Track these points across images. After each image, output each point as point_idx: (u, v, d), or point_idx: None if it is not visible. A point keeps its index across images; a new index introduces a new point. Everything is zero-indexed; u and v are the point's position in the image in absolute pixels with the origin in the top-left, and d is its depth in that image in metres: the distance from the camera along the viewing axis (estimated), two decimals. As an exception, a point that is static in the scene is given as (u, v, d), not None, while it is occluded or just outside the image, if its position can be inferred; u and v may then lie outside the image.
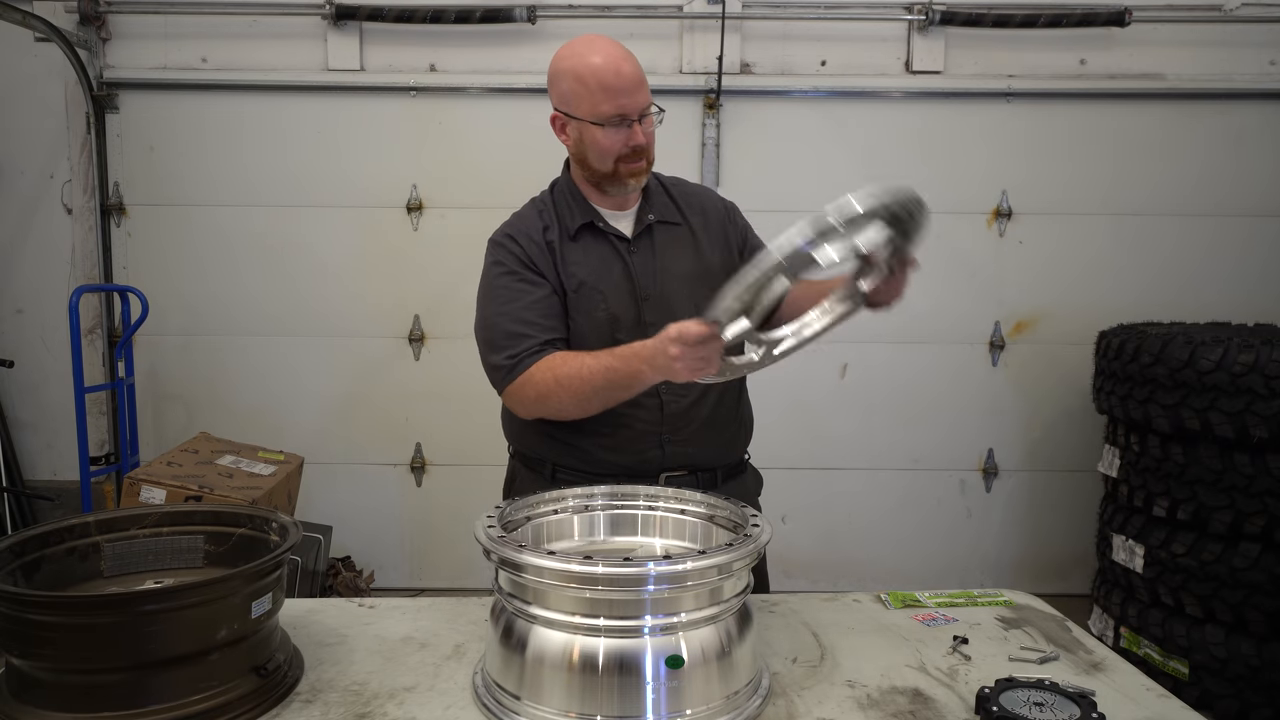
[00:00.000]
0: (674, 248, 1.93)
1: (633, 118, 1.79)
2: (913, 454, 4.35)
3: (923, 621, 1.67)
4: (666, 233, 1.94)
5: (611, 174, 1.84)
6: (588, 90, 1.78)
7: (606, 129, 1.79)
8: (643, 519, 1.68)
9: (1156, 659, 3.20)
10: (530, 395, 1.78)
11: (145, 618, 1.20)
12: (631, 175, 1.84)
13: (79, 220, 4.22)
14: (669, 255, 1.92)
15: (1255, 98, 4.17)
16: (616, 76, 1.76)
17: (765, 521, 1.45)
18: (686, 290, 1.89)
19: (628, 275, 1.88)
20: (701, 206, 2.00)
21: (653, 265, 1.90)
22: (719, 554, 1.29)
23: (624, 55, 1.79)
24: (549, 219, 1.91)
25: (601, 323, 1.86)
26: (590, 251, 1.89)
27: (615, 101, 1.77)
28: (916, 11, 4.08)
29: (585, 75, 1.77)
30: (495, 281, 1.88)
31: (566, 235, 1.89)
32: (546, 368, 1.76)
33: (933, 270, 4.24)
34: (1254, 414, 2.93)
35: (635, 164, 1.83)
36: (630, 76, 1.77)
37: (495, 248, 1.92)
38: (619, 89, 1.76)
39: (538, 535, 1.62)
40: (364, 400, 4.31)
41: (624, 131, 1.79)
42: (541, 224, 1.90)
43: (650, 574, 1.24)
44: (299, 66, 4.16)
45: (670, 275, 1.89)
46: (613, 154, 1.81)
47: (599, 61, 1.77)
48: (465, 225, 4.21)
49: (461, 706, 1.36)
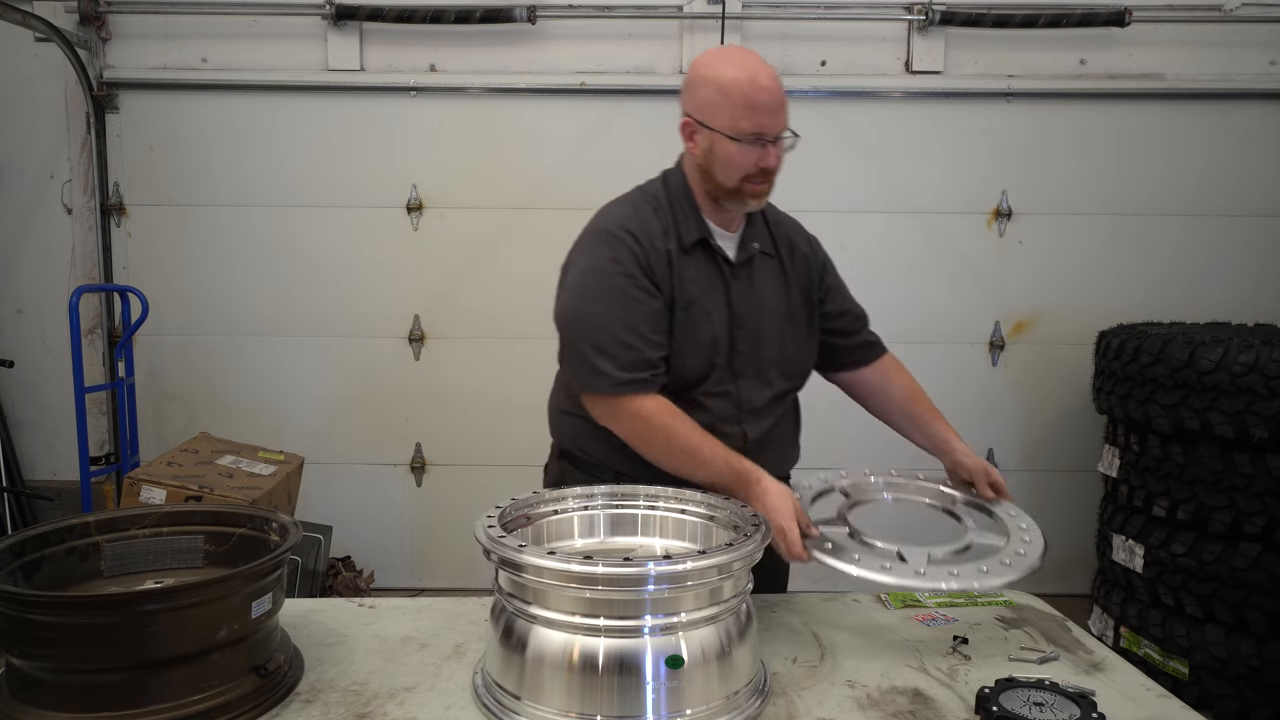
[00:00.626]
0: (768, 279, 1.90)
1: (769, 138, 1.72)
2: (913, 455, 4.34)
3: (923, 621, 1.67)
4: (763, 262, 1.90)
5: (735, 190, 1.77)
6: (729, 103, 1.71)
7: (741, 145, 1.72)
8: (643, 519, 1.68)
9: (1156, 659, 3.20)
10: (628, 417, 1.74)
11: (145, 618, 1.20)
12: (754, 196, 1.78)
13: (79, 220, 4.22)
14: (764, 286, 1.88)
15: (1255, 98, 4.17)
16: (762, 93, 1.69)
17: (766, 522, 1.45)
18: (775, 326, 1.88)
19: (728, 300, 1.83)
20: (790, 239, 1.96)
21: (750, 294, 1.86)
22: (719, 554, 1.29)
23: (770, 74, 1.72)
24: (666, 223, 1.82)
25: (704, 345, 1.81)
26: (701, 269, 1.82)
27: (756, 119, 1.70)
28: (916, 11, 4.08)
29: (729, 87, 1.70)
30: (610, 280, 1.75)
31: (682, 247, 1.81)
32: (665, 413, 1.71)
33: (933, 270, 4.29)
34: (1254, 414, 2.93)
35: (760, 185, 1.77)
36: (775, 96, 1.71)
37: (613, 241, 1.78)
38: (762, 107, 1.70)
39: (538, 535, 1.62)
40: (364, 400, 4.31)
41: (757, 151, 1.73)
42: (660, 227, 1.81)
43: (650, 574, 1.24)
44: (299, 66, 4.16)
45: (764, 307, 1.87)
46: (741, 172, 1.74)
47: (746, 76, 1.70)
48: (465, 225, 4.21)
49: (461, 706, 1.36)
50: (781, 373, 1.90)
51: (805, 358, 1.97)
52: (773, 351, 1.87)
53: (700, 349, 1.80)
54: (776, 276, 1.91)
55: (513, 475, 4.41)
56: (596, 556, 1.28)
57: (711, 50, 1.82)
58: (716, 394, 1.84)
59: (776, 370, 1.89)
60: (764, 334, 1.86)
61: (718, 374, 1.83)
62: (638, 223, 1.80)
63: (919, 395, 2.05)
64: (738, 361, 1.84)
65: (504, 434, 4.25)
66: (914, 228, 4.22)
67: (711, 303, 1.81)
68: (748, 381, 1.86)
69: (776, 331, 1.88)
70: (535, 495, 1.65)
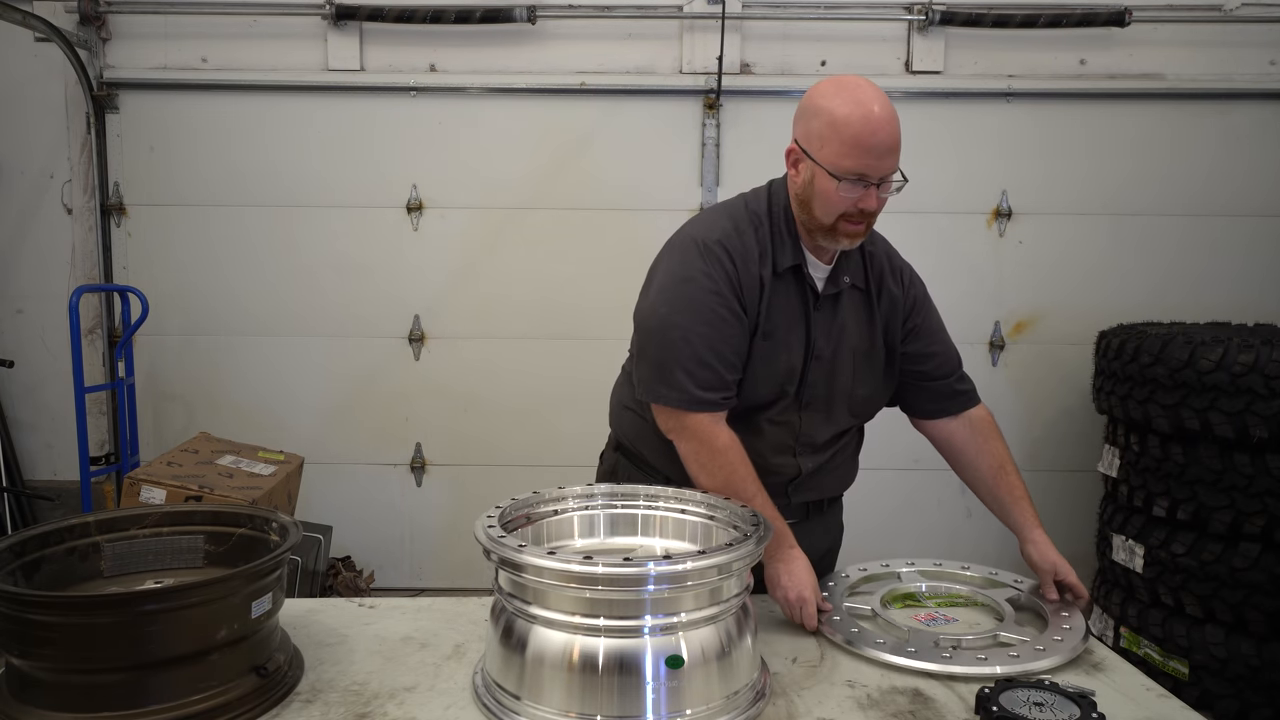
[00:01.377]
0: (854, 314, 1.85)
1: (873, 180, 1.67)
2: (913, 454, 4.30)
3: (923, 621, 1.67)
4: (852, 297, 1.85)
5: (829, 229, 1.72)
6: (838, 138, 1.65)
7: (841, 184, 1.66)
8: (643, 519, 1.68)
9: (1156, 659, 3.20)
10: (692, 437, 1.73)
11: (145, 618, 1.20)
12: (848, 236, 1.73)
13: (79, 220, 4.22)
14: (849, 320, 1.84)
15: (1255, 98, 4.17)
16: (871, 136, 1.63)
17: (766, 523, 1.45)
18: (851, 363, 1.84)
19: (808, 330, 1.80)
20: (882, 273, 1.89)
21: (832, 327, 1.82)
22: (719, 554, 1.29)
23: (888, 116, 1.65)
24: (764, 246, 1.77)
25: (779, 374, 1.78)
26: (789, 296, 1.79)
27: (862, 161, 1.64)
28: (916, 11, 4.08)
29: (840, 123, 1.64)
30: (701, 296, 1.71)
31: (775, 271, 1.77)
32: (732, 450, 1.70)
33: (932, 270, 4.25)
34: (1254, 414, 2.93)
35: (856, 225, 1.71)
36: (885, 141, 1.64)
37: (708, 256, 1.74)
38: (870, 149, 1.64)
39: (538, 535, 1.62)
40: (364, 400, 4.31)
41: (858, 192, 1.67)
42: (758, 250, 1.77)
43: (650, 574, 1.24)
44: (299, 66, 4.16)
45: (845, 343, 1.82)
46: (838, 210, 1.69)
47: (860, 114, 1.64)
48: (465, 225, 4.21)
49: (461, 706, 1.36)
50: (850, 410, 1.87)
51: (877, 398, 1.92)
52: (845, 388, 1.84)
53: (774, 377, 1.78)
54: (861, 311, 1.85)
55: (513, 475, 4.42)
56: (596, 556, 1.28)
57: (833, 79, 1.73)
58: (779, 422, 1.82)
59: (845, 407, 1.86)
60: (839, 369, 1.82)
61: (785, 402, 1.81)
62: (737, 243, 1.76)
63: (1006, 469, 1.91)
64: (806, 393, 1.81)
65: (504, 434, 4.25)
66: (914, 228, 4.21)
67: (793, 333, 1.78)
68: (812, 415, 1.83)
69: (850, 368, 1.83)
70: (535, 495, 1.65)
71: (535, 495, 1.65)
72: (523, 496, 1.63)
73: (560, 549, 1.60)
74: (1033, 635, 1.55)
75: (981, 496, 1.96)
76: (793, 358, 1.78)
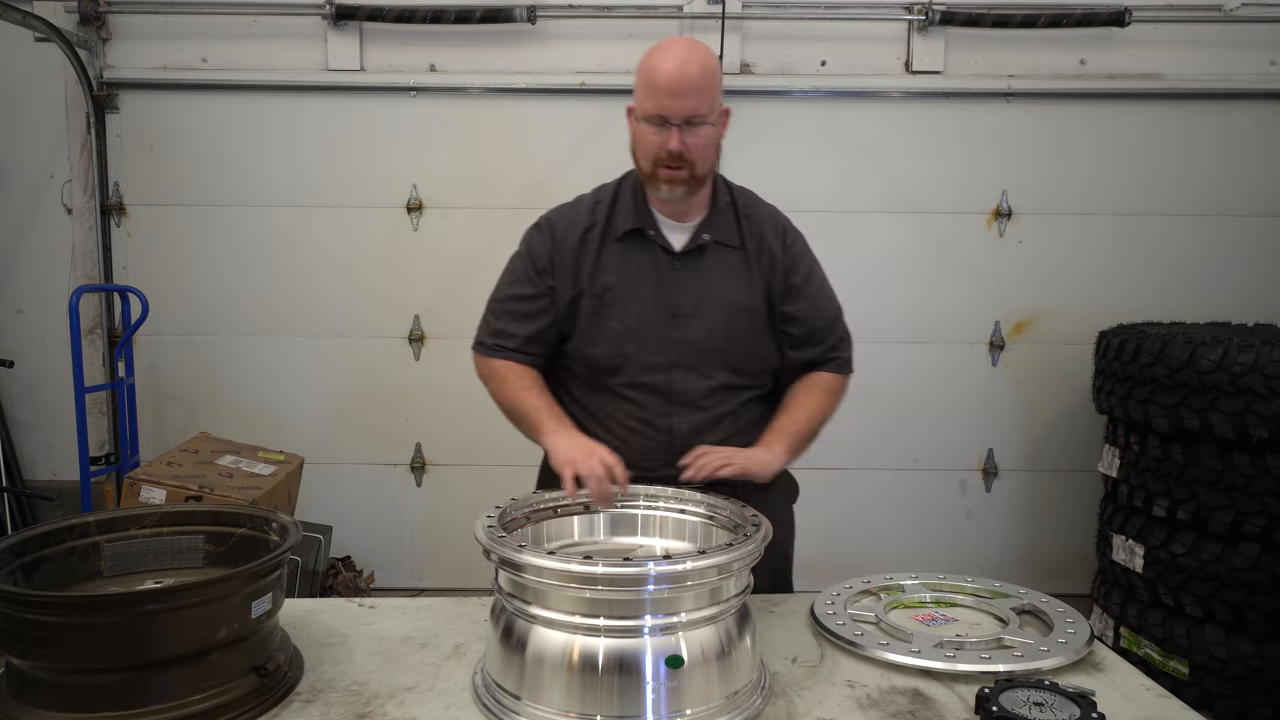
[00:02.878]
0: (723, 271, 1.87)
1: (672, 121, 1.72)
2: (913, 454, 4.35)
3: (923, 621, 1.67)
4: (719, 254, 1.87)
5: (650, 176, 1.80)
6: (642, 83, 1.76)
7: (646, 126, 1.76)
8: (643, 519, 1.68)
9: (1156, 659, 3.20)
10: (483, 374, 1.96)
11: (145, 618, 1.20)
12: (669, 183, 1.78)
13: (79, 220, 4.22)
14: (716, 278, 1.86)
15: (1255, 98, 4.17)
16: (664, 76, 1.71)
17: (766, 522, 1.45)
18: (724, 319, 1.85)
19: (663, 290, 1.84)
20: (762, 233, 1.92)
21: (696, 285, 1.85)
22: (719, 554, 1.29)
23: (685, 59, 1.71)
24: (600, 215, 1.89)
25: (613, 333, 1.83)
26: (628, 259, 1.85)
27: (657, 101, 1.72)
28: (916, 11, 4.08)
29: (644, 69, 1.76)
30: (515, 263, 1.94)
31: (611, 237, 1.86)
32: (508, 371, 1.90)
33: (933, 270, 4.29)
34: (1254, 414, 2.93)
35: (674, 172, 1.76)
36: (678, 82, 1.70)
37: (533, 230, 1.95)
38: (663, 89, 1.71)
39: (538, 535, 1.62)
40: (364, 400, 4.31)
41: (662, 134, 1.74)
42: (588, 221, 1.88)
43: (650, 574, 1.24)
44: (299, 66, 4.15)
45: (711, 299, 1.85)
46: (649, 155, 1.77)
47: (658, 59, 1.74)
48: (465, 225, 4.21)
49: (461, 706, 1.36)
50: (727, 365, 1.86)
51: (759, 354, 1.91)
52: (718, 343, 1.85)
53: (609, 337, 1.84)
54: (738, 269, 1.88)
55: (513, 475, 4.40)
56: (596, 556, 1.28)
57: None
58: (643, 385, 1.85)
59: (721, 362, 1.86)
60: (706, 325, 1.84)
61: (635, 365, 1.84)
62: (564, 214, 1.93)
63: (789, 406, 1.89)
64: (675, 352, 1.83)
65: (504, 434, 4.21)
66: (914, 228, 4.22)
67: (632, 293, 1.83)
68: (682, 372, 1.85)
69: (724, 323, 1.85)
70: (535, 495, 1.65)
71: (535, 495, 1.65)
72: (522, 496, 1.63)
73: (560, 549, 1.60)
74: (1035, 638, 1.55)
75: None
76: (629, 317, 1.83)
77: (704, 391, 1.85)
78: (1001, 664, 1.45)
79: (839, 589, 1.80)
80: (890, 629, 1.60)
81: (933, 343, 4.27)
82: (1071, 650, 1.49)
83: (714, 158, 1.84)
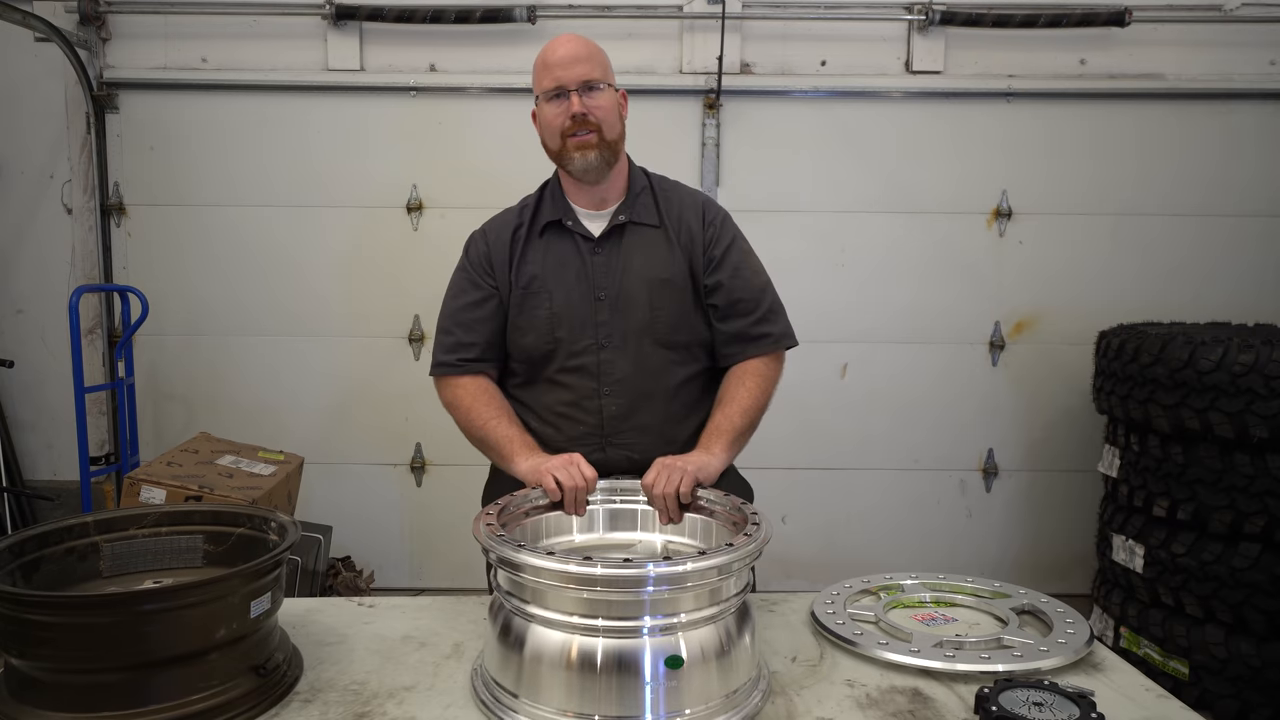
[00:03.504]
0: (642, 250, 1.92)
1: (569, 89, 1.83)
2: (913, 454, 4.35)
3: (922, 621, 1.67)
4: (638, 234, 1.94)
5: (561, 150, 1.88)
6: (538, 71, 1.88)
7: (547, 103, 1.86)
8: (642, 514, 1.68)
9: (1156, 659, 3.20)
10: (446, 401, 1.97)
11: (144, 617, 1.20)
12: (579, 149, 1.86)
13: (79, 220, 4.22)
14: (635, 257, 1.92)
15: (1255, 98, 4.17)
16: (553, 52, 1.85)
17: (766, 520, 1.45)
18: (646, 293, 1.89)
19: (585, 275, 1.90)
20: (681, 211, 1.97)
21: (615, 265, 1.91)
22: (719, 554, 1.29)
23: (573, 38, 1.87)
24: (526, 216, 1.98)
25: (542, 320, 1.89)
26: (550, 250, 1.94)
27: (551, 74, 1.84)
28: (916, 11, 4.07)
29: (537, 61, 1.88)
30: (456, 277, 2.02)
31: (534, 232, 1.95)
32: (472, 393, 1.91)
33: (933, 270, 4.29)
34: (1254, 414, 2.93)
35: (582, 137, 1.85)
36: (567, 52, 1.84)
37: (469, 241, 2.04)
38: (553, 62, 1.84)
39: (536, 530, 1.62)
40: (364, 400, 4.31)
41: (563, 104, 1.84)
42: (516, 222, 1.97)
43: (650, 575, 1.24)
44: (299, 66, 4.15)
45: (631, 276, 1.90)
46: (556, 128, 1.86)
47: (547, 46, 1.88)
48: (465, 225, 4.14)
49: (461, 706, 1.36)
50: (655, 340, 1.89)
51: (686, 325, 1.92)
52: (642, 320, 1.88)
53: (537, 325, 1.89)
54: (658, 245, 1.93)
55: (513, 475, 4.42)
56: (595, 557, 1.28)
57: None
58: (574, 369, 1.89)
59: (648, 338, 1.89)
60: (629, 302, 1.88)
61: (565, 350, 1.88)
62: (495, 223, 2.02)
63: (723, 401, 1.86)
64: (602, 334, 1.88)
65: (504, 434, 4.24)
66: (914, 228, 4.22)
67: (556, 280, 1.90)
68: (610, 353, 1.88)
69: (646, 298, 1.89)
70: (535, 491, 1.65)
71: (535, 491, 1.65)
72: (522, 492, 1.63)
73: (559, 545, 1.60)
74: (1035, 638, 1.55)
75: None
76: (558, 304, 1.89)
77: (632, 370, 1.88)
78: (1001, 664, 1.45)
79: (839, 589, 1.80)
80: (890, 629, 1.60)
81: (933, 343, 4.27)
82: (1071, 650, 1.49)
83: (619, 125, 1.91)
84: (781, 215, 4.15)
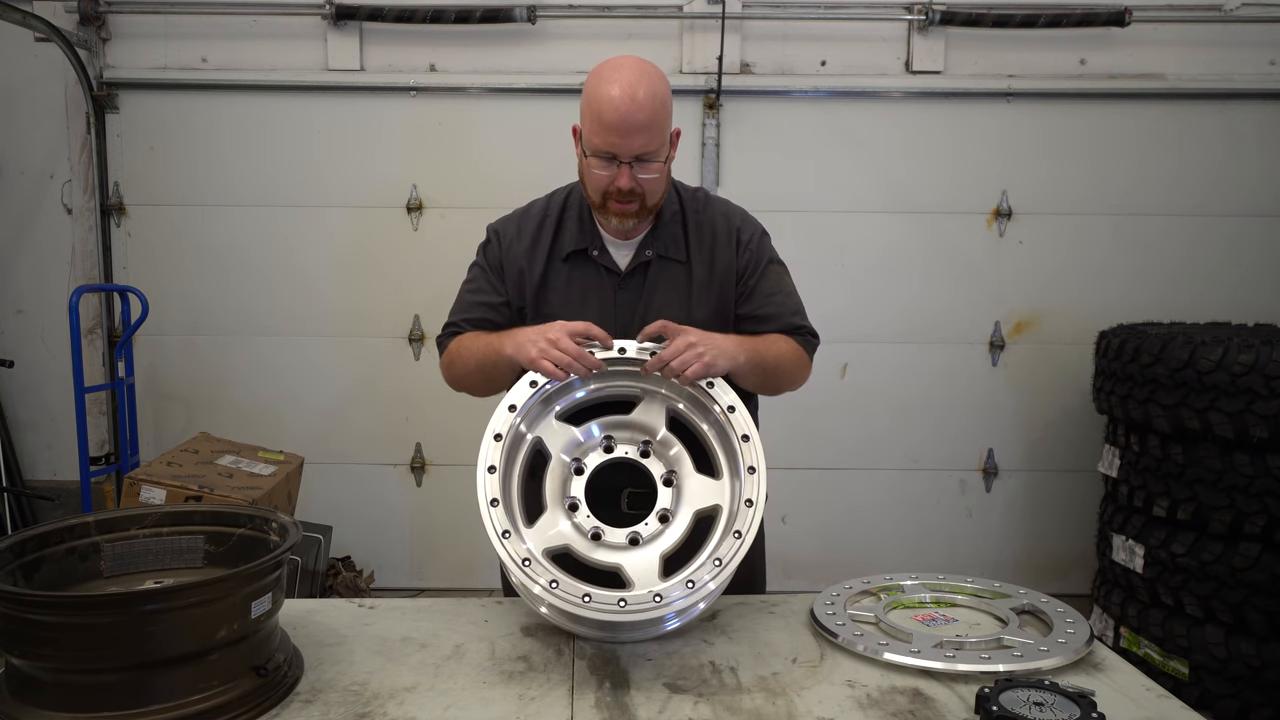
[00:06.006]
0: (665, 289, 1.83)
1: (622, 160, 1.68)
2: (913, 454, 4.35)
3: (923, 621, 1.67)
4: (663, 270, 1.83)
5: (600, 207, 1.77)
6: (590, 116, 1.70)
7: (594, 159, 1.70)
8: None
9: (1156, 659, 3.20)
10: (444, 363, 1.91)
11: (145, 618, 1.20)
12: (619, 215, 1.75)
13: (79, 220, 4.22)
14: (658, 296, 1.82)
15: (1255, 98, 4.17)
16: (613, 114, 1.65)
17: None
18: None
19: (609, 311, 1.81)
20: (714, 240, 1.85)
21: (638, 305, 1.81)
22: None
23: (632, 95, 1.64)
24: (548, 232, 1.85)
25: None
26: (574, 281, 1.83)
27: (605, 138, 1.67)
28: (916, 11, 4.08)
29: (593, 100, 1.69)
30: (473, 269, 1.95)
31: (558, 256, 1.84)
32: (457, 342, 1.86)
33: (933, 270, 4.29)
34: (1254, 414, 2.93)
35: (625, 205, 1.73)
36: (627, 120, 1.64)
37: (486, 240, 1.94)
38: (612, 126, 1.65)
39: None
40: (364, 400, 4.31)
41: (610, 171, 1.70)
42: (535, 234, 1.85)
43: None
44: (299, 66, 4.15)
45: (652, 316, 1.75)
46: (598, 189, 1.73)
47: (607, 91, 1.66)
48: (465, 225, 4.19)
49: (461, 706, 1.36)
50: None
51: None
52: None
53: None
54: (679, 283, 1.83)
55: (513, 475, 4.41)
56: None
57: (609, 59, 1.75)
58: None
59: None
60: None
61: None
62: (511, 227, 1.89)
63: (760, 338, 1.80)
64: None
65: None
66: (914, 228, 4.22)
67: (576, 316, 1.73)
68: None
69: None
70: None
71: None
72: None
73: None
74: (1035, 638, 1.55)
75: None
76: None
77: None
78: (1001, 664, 1.45)
79: (839, 589, 1.80)
80: (890, 629, 1.60)
81: (933, 343, 4.27)
82: (1071, 650, 1.49)
83: (665, 188, 1.79)
84: (781, 215, 4.14)
